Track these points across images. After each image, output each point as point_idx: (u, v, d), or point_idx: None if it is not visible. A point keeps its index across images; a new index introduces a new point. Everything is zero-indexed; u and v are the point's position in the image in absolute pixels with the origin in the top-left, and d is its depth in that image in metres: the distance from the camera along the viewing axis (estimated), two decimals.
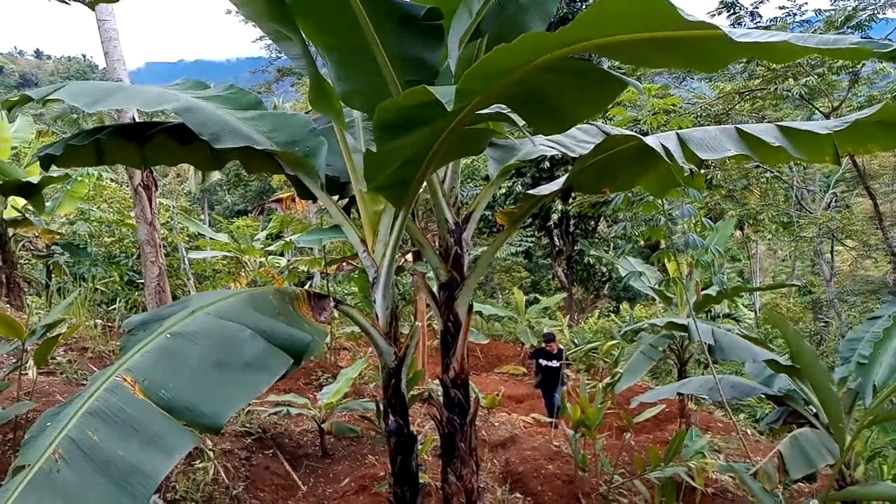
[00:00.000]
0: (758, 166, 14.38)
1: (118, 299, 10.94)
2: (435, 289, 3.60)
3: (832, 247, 19.11)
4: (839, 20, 11.45)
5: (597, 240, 21.45)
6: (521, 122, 3.24)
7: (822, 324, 21.68)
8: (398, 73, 2.82)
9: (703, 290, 8.61)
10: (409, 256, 9.67)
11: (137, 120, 6.55)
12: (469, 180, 15.31)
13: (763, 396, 6.15)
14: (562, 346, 10.70)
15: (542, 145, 3.82)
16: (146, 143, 3.62)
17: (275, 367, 2.31)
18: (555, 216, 18.83)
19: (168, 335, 2.30)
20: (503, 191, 18.33)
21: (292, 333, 2.49)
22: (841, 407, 4.17)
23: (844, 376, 5.34)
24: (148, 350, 2.23)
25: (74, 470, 1.79)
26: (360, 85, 2.96)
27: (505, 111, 2.76)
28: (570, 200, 16.53)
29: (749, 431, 10.04)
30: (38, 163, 4.85)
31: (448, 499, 3.44)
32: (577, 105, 2.28)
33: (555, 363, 9.94)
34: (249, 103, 3.72)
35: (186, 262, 12.93)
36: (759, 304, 22.84)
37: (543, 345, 10.34)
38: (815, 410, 5.43)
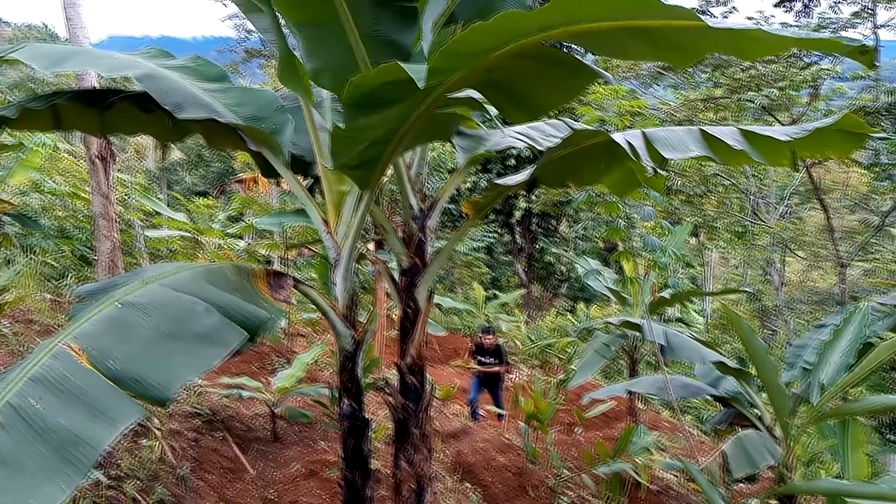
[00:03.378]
0: (716, 174, 14.69)
1: (69, 275, 10.60)
2: (396, 276, 3.58)
3: (783, 256, 19.66)
4: None
5: (557, 239, 21.66)
6: (493, 112, 3.25)
7: (770, 332, 22.32)
8: (370, 52, 2.79)
9: (658, 292, 8.74)
10: (371, 246, 9.60)
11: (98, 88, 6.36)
12: (434, 172, 15.28)
13: (709, 398, 6.30)
14: (500, 343, 8.96)
15: (510, 137, 3.83)
16: (106, 110, 3.50)
17: (228, 341, 2.25)
18: (518, 213, 18.98)
19: (119, 304, 2.23)
20: (468, 185, 18.38)
21: (248, 309, 2.44)
22: (788, 403, 4.29)
23: (789, 381, 5.50)
24: (97, 319, 2.15)
25: (13, 436, 1.73)
26: (330, 63, 2.91)
27: (476, 97, 2.75)
28: (534, 198, 16.64)
29: (695, 432, 10.28)
30: None
31: (399, 484, 3.43)
32: (548, 92, 2.28)
33: (490, 360, 8.39)
34: (215, 76, 3.62)
35: (142, 239, 12.61)
36: (710, 311, 23.40)
37: (479, 336, 8.66)
38: (759, 413, 5.59)
